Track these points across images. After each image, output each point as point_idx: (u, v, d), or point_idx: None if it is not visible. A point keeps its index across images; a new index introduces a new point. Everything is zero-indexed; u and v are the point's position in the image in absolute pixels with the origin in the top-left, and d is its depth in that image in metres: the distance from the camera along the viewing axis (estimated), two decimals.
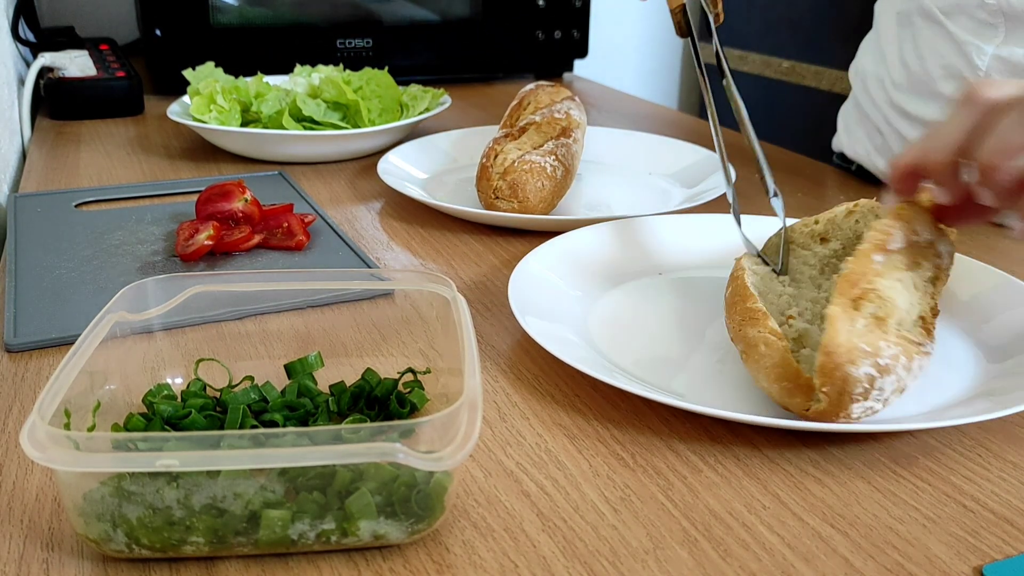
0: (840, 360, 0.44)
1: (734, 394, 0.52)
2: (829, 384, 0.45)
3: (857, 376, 0.44)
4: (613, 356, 0.55)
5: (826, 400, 0.45)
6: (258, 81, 1.00)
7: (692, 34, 0.70)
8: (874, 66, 0.93)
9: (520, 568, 0.39)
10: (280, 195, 0.86)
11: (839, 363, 0.44)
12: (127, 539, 0.37)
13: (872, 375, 0.45)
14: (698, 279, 0.67)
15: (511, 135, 0.81)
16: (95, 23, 1.54)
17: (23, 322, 0.59)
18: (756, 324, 0.48)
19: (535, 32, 1.41)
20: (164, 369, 0.51)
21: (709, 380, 0.54)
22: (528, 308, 0.56)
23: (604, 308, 0.62)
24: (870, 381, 0.45)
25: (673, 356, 0.56)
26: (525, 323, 0.54)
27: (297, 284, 0.58)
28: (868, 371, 0.45)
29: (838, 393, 0.45)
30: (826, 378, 0.45)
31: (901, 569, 0.39)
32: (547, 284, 0.62)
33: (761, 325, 0.48)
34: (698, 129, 1.19)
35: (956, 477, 0.45)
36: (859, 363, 0.44)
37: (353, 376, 0.50)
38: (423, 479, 0.38)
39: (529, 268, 0.63)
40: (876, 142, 0.92)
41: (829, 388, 0.45)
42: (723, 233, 0.70)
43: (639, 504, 0.43)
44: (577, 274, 0.65)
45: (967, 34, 0.78)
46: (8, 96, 1.04)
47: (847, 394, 0.45)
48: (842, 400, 0.45)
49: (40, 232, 0.74)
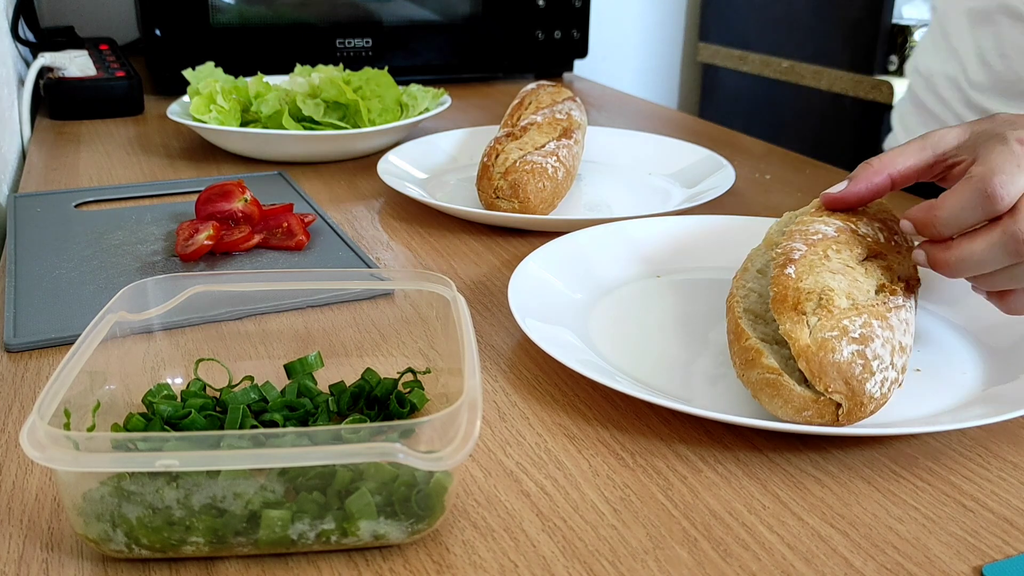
0: (819, 356, 0.45)
1: (736, 396, 0.52)
2: (830, 382, 0.45)
3: (845, 359, 0.45)
4: (614, 358, 0.55)
5: (841, 396, 0.45)
6: (258, 81, 1.00)
7: None
8: (942, 64, 0.90)
9: (520, 568, 0.39)
10: (280, 195, 0.86)
11: (820, 359, 0.45)
12: (127, 539, 0.37)
13: (858, 349, 0.45)
14: (698, 281, 0.67)
15: (512, 135, 0.81)
16: (95, 23, 1.54)
17: (23, 322, 0.59)
18: (754, 366, 0.48)
19: (535, 32, 1.41)
20: (164, 369, 0.51)
21: (710, 382, 0.54)
22: (528, 311, 0.56)
23: (604, 310, 0.62)
24: (861, 356, 0.45)
25: (674, 358, 0.56)
26: (525, 326, 0.54)
27: (297, 284, 0.58)
28: (851, 348, 0.45)
29: (844, 384, 0.45)
30: (823, 378, 0.45)
31: (901, 569, 0.39)
32: (547, 286, 0.62)
33: (759, 366, 0.47)
34: (698, 129, 1.19)
35: (956, 477, 0.45)
36: (837, 348, 0.45)
37: (353, 376, 0.50)
38: (423, 479, 0.38)
39: (529, 270, 0.62)
40: None
41: (834, 385, 0.45)
42: (722, 234, 0.70)
43: (639, 504, 0.43)
44: (577, 276, 0.64)
45: None
46: (8, 96, 1.04)
47: (852, 379, 0.45)
48: (853, 387, 0.45)
49: (40, 232, 0.74)
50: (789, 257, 0.50)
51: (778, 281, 0.49)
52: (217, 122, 0.97)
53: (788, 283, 0.49)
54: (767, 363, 0.47)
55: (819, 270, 0.50)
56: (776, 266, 0.51)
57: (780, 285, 0.49)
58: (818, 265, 0.50)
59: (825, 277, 0.49)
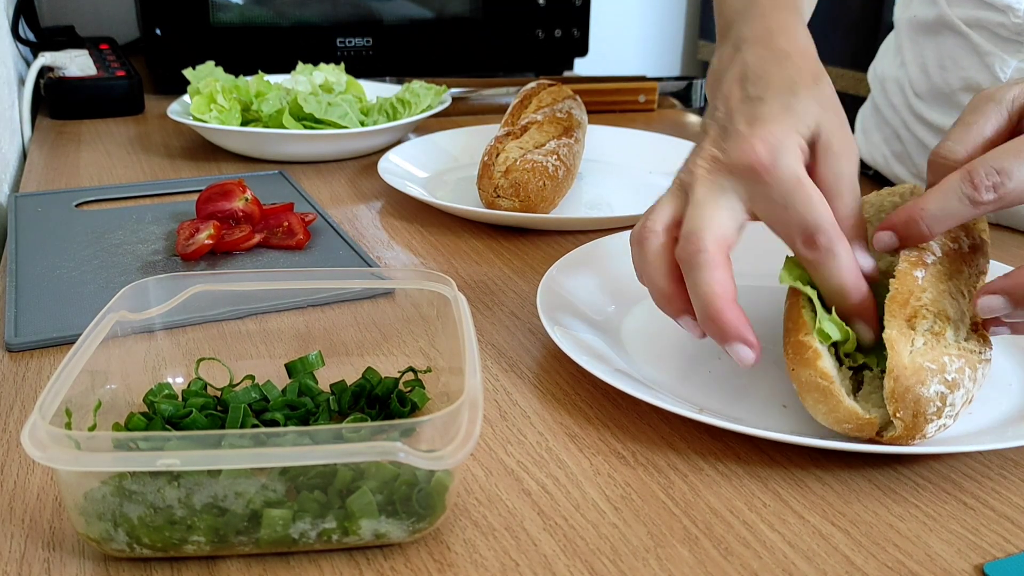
0: (909, 383, 0.43)
1: (746, 400, 0.51)
2: (902, 409, 0.43)
3: (929, 396, 0.43)
4: (643, 366, 0.54)
5: (902, 426, 0.44)
6: (259, 80, 1.00)
7: None
8: (895, 71, 0.91)
9: (521, 567, 0.39)
10: (280, 194, 0.86)
11: (909, 385, 0.43)
12: (128, 538, 0.37)
13: (943, 392, 0.44)
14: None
15: (513, 133, 0.81)
16: (95, 22, 1.54)
17: (24, 322, 0.59)
18: (809, 366, 0.46)
19: (535, 31, 1.41)
20: (165, 368, 0.51)
21: (733, 392, 0.53)
22: (557, 318, 0.56)
23: (635, 319, 0.60)
24: (941, 399, 0.44)
25: (700, 367, 0.55)
26: (553, 333, 0.53)
27: (298, 283, 0.58)
28: (938, 389, 0.44)
29: (912, 416, 0.43)
30: (898, 403, 0.43)
31: (902, 567, 0.39)
32: (574, 295, 0.61)
33: (814, 368, 0.46)
34: (698, 128, 1.19)
35: (957, 475, 0.45)
36: (928, 382, 0.43)
37: (354, 375, 0.50)
38: (424, 478, 0.38)
39: (556, 277, 0.61)
40: (895, 148, 0.91)
41: (903, 413, 0.44)
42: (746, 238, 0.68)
43: (640, 502, 0.43)
44: (605, 286, 0.63)
45: (991, 45, 0.77)
46: (8, 96, 1.04)
47: (921, 415, 0.43)
48: (917, 422, 0.44)
49: (40, 232, 0.74)
50: (922, 259, 0.48)
51: (903, 280, 0.47)
52: (218, 121, 0.97)
53: (913, 287, 0.47)
54: (822, 367, 0.45)
55: (943, 288, 0.48)
56: (906, 260, 0.48)
57: (904, 285, 0.47)
58: (943, 282, 0.48)
59: (945, 301, 0.47)
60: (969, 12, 0.79)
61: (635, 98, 1.26)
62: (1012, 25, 0.75)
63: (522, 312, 0.63)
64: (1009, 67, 0.76)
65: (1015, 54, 0.76)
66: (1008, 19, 0.75)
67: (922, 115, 0.86)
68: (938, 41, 0.83)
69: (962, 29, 0.80)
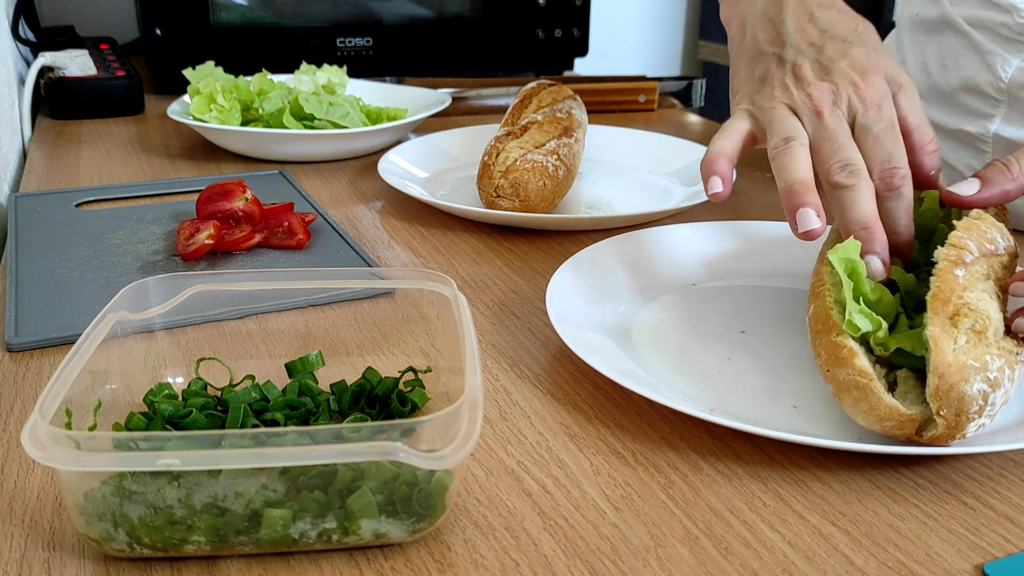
0: (954, 380, 0.43)
1: (755, 401, 0.51)
2: (946, 407, 0.43)
3: (972, 394, 0.43)
4: (656, 368, 0.54)
5: (944, 424, 0.44)
6: (262, 78, 1.00)
7: None
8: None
9: (521, 567, 0.39)
10: (280, 194, 0.86)
11: (953, 383, 0.43)
12: (128, 538, 0.37)
13: (985, 391, 0.44)
14: (734, 288, 0.65)
15: (513, 133, 0.81)
16: (95, 22, 1.54)
17: (24, 322, 0.59)
18: (844, 365, 0.46)
19: (535, 31, 1.41)
20: (165, 368, 0.51)
21: (742, 393, 0.53)
22: (565, 318, 0.56)
23: (646, 318, 0.61)
24: (984, 397, 0.44)
25: (711, 368, 0.55)
26: (562, 331, 0.53)
27: (298, 283, 0.58)
28: (981, 387, 0.44)
29: (955, 414, 0.43)
30: (942, 401, 0.43)
31: (902, 567, 0.39)
32: (582, 295, 0.61)
33: (850, 367, 0.46)
34: (698, 128, 1.19)
35: (957, 474, 0.45)
36: (971, 380, 0.43)
37: (354, 375, 0.50)
38: (424, 478, 0.38)
39: (564, 278, 0.61)
40: None
41: (946, 411, 0.43)
42: (754, 239, 0.69)
43: (640, 502, 0.43)
44: (615, 285, 0.63)
45: (993, 44, 0.77)
46: (8, 96, 1.04)
47: (964, 414, 0.43)
48: (959, 421, 0.44)
49: (40, 232, 0.74)
50: (962, 258, 0.48)
51: (944, 278, 0.47)
52: (218, 121, 0.97)
53: (955, 286, 0.47)
54: (859, 365, 0.45)
55: (983, 288, 0.48)
56: (946, 259, 0.48)
57: (946, 284, 0.47)
58: (982, 281, 0.48)
59: (986, 301, 0.47)
60: (972, 11, 0.79)
61: (635, 98, 1.26)
62: (1015, 25, 0.75)
63: (522, 312, 0.63)
64: (1011, 67, 0.76)
65: (1017, 54, 0.76)
66: (1012, 19, 0.75)
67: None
68: (939, 40, 0.83)
69: (964, 28, 0.80)
